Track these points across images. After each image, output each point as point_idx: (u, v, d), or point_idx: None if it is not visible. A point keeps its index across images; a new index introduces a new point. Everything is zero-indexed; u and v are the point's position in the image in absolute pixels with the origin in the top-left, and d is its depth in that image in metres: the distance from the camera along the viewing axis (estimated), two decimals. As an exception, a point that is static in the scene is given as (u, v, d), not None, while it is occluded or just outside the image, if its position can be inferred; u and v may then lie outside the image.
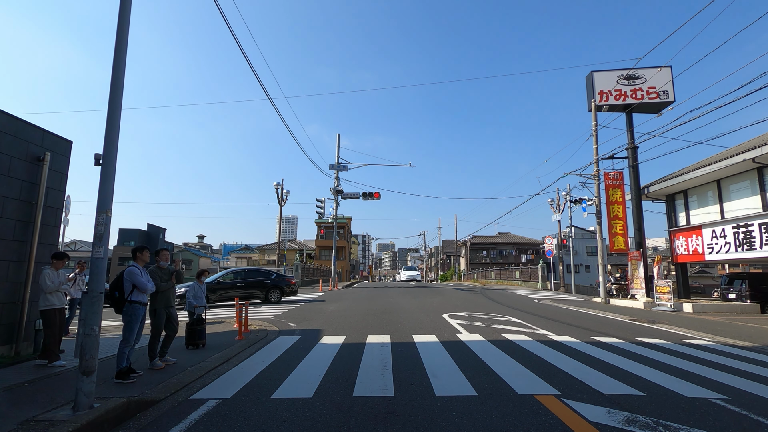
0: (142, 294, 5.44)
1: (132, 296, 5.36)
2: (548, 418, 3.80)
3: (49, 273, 6.13)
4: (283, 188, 31.24)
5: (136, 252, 5.66)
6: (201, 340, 7.37)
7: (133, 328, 5.31)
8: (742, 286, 16.69)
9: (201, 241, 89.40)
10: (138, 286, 5.37)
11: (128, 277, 5.41)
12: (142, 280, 5.42)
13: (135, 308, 5.36)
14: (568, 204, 28.45)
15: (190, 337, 7.32)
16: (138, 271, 5.45)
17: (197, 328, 7.37)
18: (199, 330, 7.37)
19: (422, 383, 4.95)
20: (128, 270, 5.46)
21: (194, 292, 7.84)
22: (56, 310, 6.17)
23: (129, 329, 5.28)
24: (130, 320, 5.31)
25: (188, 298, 7.76)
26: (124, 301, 5.36)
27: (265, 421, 3.77)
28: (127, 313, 5.34)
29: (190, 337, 7.31)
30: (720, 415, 3.95)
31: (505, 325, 10.15)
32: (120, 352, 5.16)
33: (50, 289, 6.04)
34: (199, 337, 7.36)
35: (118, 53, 4.51)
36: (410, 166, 29.21)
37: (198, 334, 7.35)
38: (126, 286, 5.39)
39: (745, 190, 15.10)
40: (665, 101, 19.00)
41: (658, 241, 66.29)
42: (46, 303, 6.09)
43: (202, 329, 7.42)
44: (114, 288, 5.47)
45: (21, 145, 6.41)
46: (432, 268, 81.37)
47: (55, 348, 6.09)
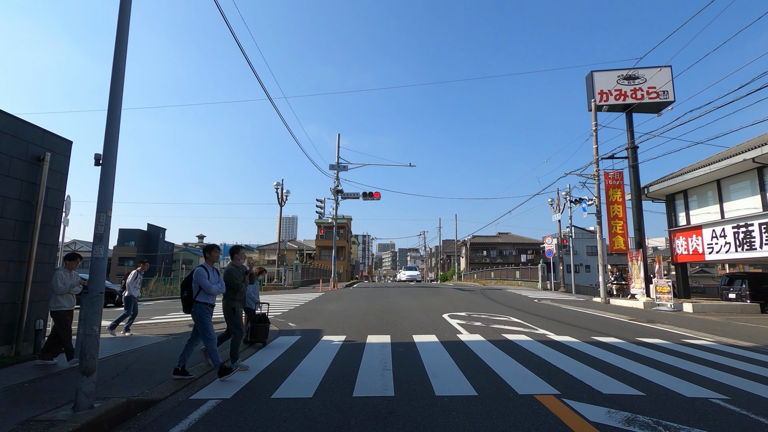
0: (208, 296, 5.33)
1: (198, 297, 5.28)
2: (548, 418, 3.80)
3: (62, 274, 6.11)
4: (283, 188, 31.25)
5: (206, 252, 5.58)
6: (265, 338, 7.41)
7: (207, 325, 5.23)
8: (742, 286, 16.68)
9: (201, 241, 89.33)
10: (203, 287, 5.27)
11: (195, 279, 5.34)
12: (207, 282, 5.30)
13: (202, 308, 5.29)
14: (568, 204, 28.46)
15: (254, 335, 7.34)
16: (205, 273, 5.36)
17: (263, 326, 7.39)
18: (264, 328, 7.39)
19: (422, 383, 4.95)
20: (196, 271, 5.39)
21: (253, 288, 7.81)
22: (67, 312, 6.15)
23: (204, 328, 5.23)
24: (201, 319, 5.25)
25: (249, 293, 7.71)
26: (192, 301, 5.30)
27: (265, 421, 3.76)
28: (196, 313, 5.28)
29: (255, 335, 7.33)
30: (720, 415, 3.95)
31: (505, 325, 10.15)
32: (210, 351, 5.17)
33: (62, 291, 6.02)
34: (264, 334, 7.39)
35: (118, 53, 4.51)
36: (410, 166, 29.23)
37: (264, 332, 7.38)
38: (194, 287, 5.34)
39: (745, 190, 15.09)
40: (665, 101, 19.00)
41: (658, 241, 66.27)
42: (57, 305, 6.07)
43: (266, 327, 7.44)
44: (183, 288, 5.44)
45: (21, 145, 6.40)
46: (432, 268, 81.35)
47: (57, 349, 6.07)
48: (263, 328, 7.38)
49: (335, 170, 28.04)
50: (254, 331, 7.35)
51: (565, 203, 29.07)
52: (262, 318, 7.48)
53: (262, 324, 7.40)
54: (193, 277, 5.38)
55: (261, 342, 7.38)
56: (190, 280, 5.40)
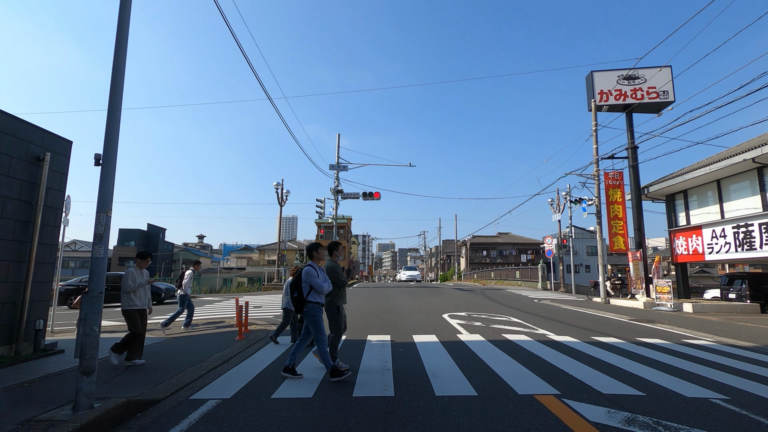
0: (319, 295, 5.30)
1: (310, 296, 5.24)
2: (548, 418, 3.80)
3: (133, 272, 6.12)
4: (283, 188, 31.25)
5: (312, 251, 5.51)
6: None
7: (321, 325, 5.21)
8: (742, 286, 16.68)
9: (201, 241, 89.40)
10: (314, 287, 5.22)
11: (305, 278, 5.28)
12: (318, 281, 5.25)
13: (315, 308, 5.25)
14: (568, 204, 28.44)
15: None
16: (314, 272, 5.31)
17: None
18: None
19: (422, 383, 4.95)
20: (305, 270, 5.33)
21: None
22: (138, 310, 6.15)
23: (317, 328, 5.19)
24: (315, 319, 5.21)
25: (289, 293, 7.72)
26: (304, 301, 5.26)
27: (265, 421, 3.76)
28: (308, 314, 5.24)
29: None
30: (720, 415, 3.95)
31: (505, 325, 10.15)
32: (322, 352, 5.16)
33: (131, 288, 6.04)
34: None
35: (118, 53, 4.51)
36: (410, 166, 29.21)
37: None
38: (304, 287, 5.29)
39: (745, 190, 15.10)
40: (665, 101, 19.00)
41: (658, 241, 66.28)
42: (129, 303, 6.07)
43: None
44: (293, 288, 5.39)
45: (21, 145, 6.40)
46: (432, 268, 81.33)
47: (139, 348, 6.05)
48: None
49: (335, 170, 28.02)
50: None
51: (565, 203, 29.06)
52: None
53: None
54: (303, 277, 5.30)
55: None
56: (299, 280, 5.34)
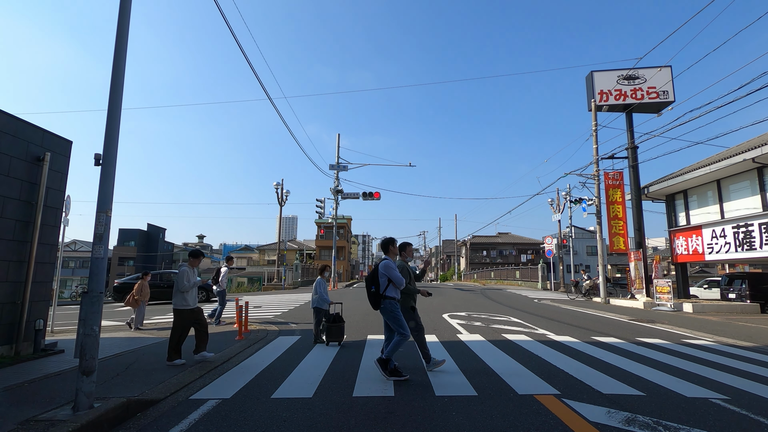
0: (396, 290, 5.08)
1: (387, 291, 5.02)
2: (548, 418, 3.79)
3: (188, 272, 6.10)
4: (283, 188, 31.26)
5: (387, 245, 5.35)
6: (341, 337, 7.41)
7: (402, 320, 5.02)
8: (742, 286, 16.68)
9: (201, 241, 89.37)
10: (394, 280, 4.99)
11: (385, 271, 5.02)
12: (398, 275, 5.02)
13: (393, 304, 5.04)
14: (568, 204, 28.47)
15: (331, 334, 7.35)
16: (393, 265, 5.09)
17: (339, 325, 7.40)
18: (340, 327, 7.40)
19: (422, 383, 4.95)
20: (384, 263, 5.10)
21: (324, 287, 7.76)
22: (190, 310, 6.14)
23: (399, 323, 5.00)
24: (395, 315, 5.01)
25: (321, 294, 7.66)
26: (380, 296, 5.03)
27: (265, 421, 3.76)
28: (386, 310, 5.03)
29: (332, 334, 7.34)
30: (720, 415, 3.95)
31: (505, 325, 10.15)
32: (394, 346, 4.99)
33: (186, 288, 6.02)
34: (341, 334, 7.40)
35: (118, 53, 4.51)
36: (410, 166, 29.24)
37: (340, 331, 7.38)
38: (382, 281, 5.04)
39: (745, 190, 15.09)
40: (665, 101, 19.00)
41: (658, 241, 66.27)
42: (183, 303, 6.05)
43: (342, 326, 7.45)
44: (370, 282, 5.14)
45: (21, 145, 6.40)
46: (432, 268, 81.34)
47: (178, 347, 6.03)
48: (339, 328, 7.39)
49: (335, 170, 28.04)
50: (330, 331, 7.36)
51: (565, 203, 29.09)
52: (336, 317, 7.49)
53: (337, 323, 7.41)
54: (380, 270, 5.05)
55: (337, 341, 7.38)
56: (376, 274, 5.09)
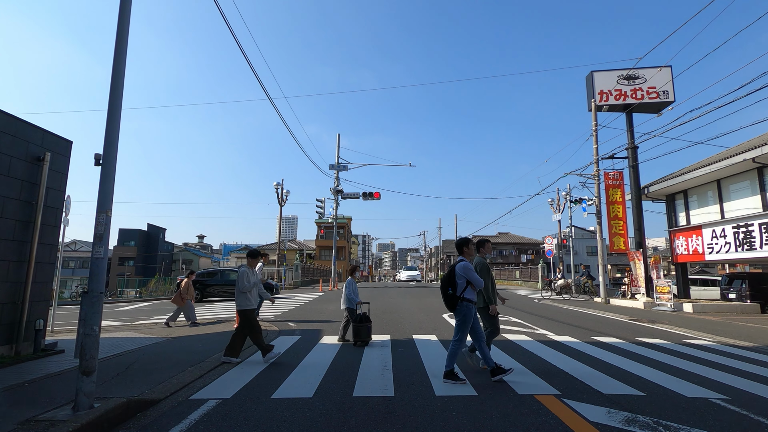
0: (474, 292, 4.98)
1: (465, 293, 4.92)
2: (548, 418, 3.80)
3: (248, 272, 6.15)
4: (283, 188, 31.24)
5: (462, 246, 5.21)
6: (369, 338, 7.42)
7: (467, 326, 4.94)
8: (742, 286, 16.68)
9: (201, 241, 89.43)
10: (473, 282, 4.90)
11: (463, 273, 4.92)
12: (477, 276, 4.92)
13: (469, 307, 4.94)
14: (568, 204, 28.43)
15: (358, 335, 7.35)
16: (471, 266, 5.00)
17: (366, 325, 7.41)
18: (367, 327, 7.42)
19: (422, 383, 4.95)
20: (462, 264, 4.98)
21: (353, 288, 7.79)
22: (253, 310, 6.19)
23: (463, 328, 4.92)
24: (465, 320, 4.92)
25: (349, 294, 7.67)
26: (457, 298, 4.94)
27: (265, 421, 3.76)
28: (461, 312, 4.94)
29: (360, 335, 7.34)
30: (720, 415, 3.95)
31: (505, 324, 10.15)
32: (452, 353, 4.92)
33: (247, 288, 6.07)
34: (368, 334, 7.41)
35: (118, 53, 4.51)
36: (410, 166, 29.24)
37: (367, 331, 7.40)
38: (459, 282, 4.93)
39: (745, 190, 15.09)
40: (665, 101, 19.00)
41: (658, 241, 66.26)
42: (247, 303, 6.11)
43: (369, 326, 7.46)
44: (447, 284, 5.03)
45: (21, 145, 6.40)
46: (432, 268, 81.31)
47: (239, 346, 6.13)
48: (366, 328, 7.40)
49: (335, 170, 28.03)
50: (358, 331, 7.37)
51: (565, 203, 29.05)
52: (364, 318, 7.51)
53: (364, 323, 7.42)
54: (457, 272, 4.95)
55: (365, 342, 7.37)
56: (453, 275, 4.98)
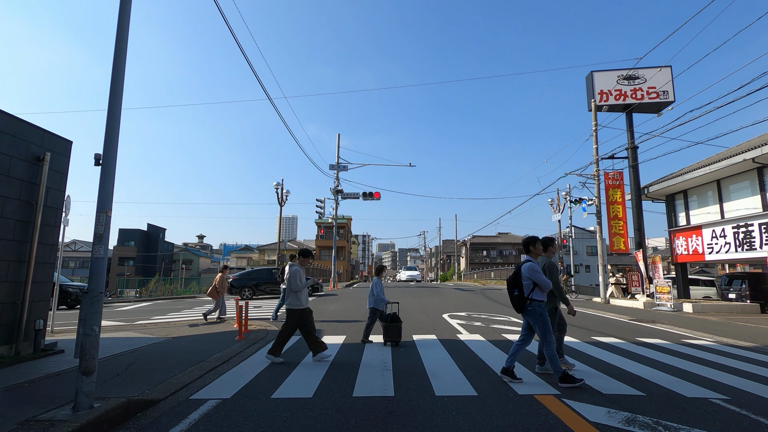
0: (542, 292, 4.89)
1: (534, 294, 4.85)
2: (548, 418, 3.79)
3: (300, 272, 6.15)
4: (283, 188, 31.23)
5: (529, 245, 5.11)
6: (399, 338, 7.40)
7: (547, 325, 4.83)
8: (742, 286, 16.68)
9: (201, 241, 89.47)
10: (540, 284, 4.83)
11: (529, 274, 4.85)
12: (544, 278, 4.85)
13: (540, 307, 4.85)
14: (568, 204, 28.45)
15: (388, 334, 7.34)
16: (538, 267, 4.92)
17: (396, 325, 7.40)
18: (397, 327, 7.40)
19: (422, 383, 4.95)
20: (528, 266, 4.91)
21: (380, 288, 7.78)
22: (304, 309, 6.18)
23: (545, 329, 4.81)
24: (542, 320, 4.82)
25: (378, 294, 7.66)
26: (525, 299, 4.88)
27: (265, 421, 3.76)
28: (534, 313, 4.84)
29: (390, 334, 7.34)
30: (720, 415, 3.95)
31: (505, 325, 10.15)
32: (550, 357, 4.76)
33: (299, 287, 6.07)
34: (398, 334, 7.39)
35: (118, 53, 4.50)
36: (410, 166, 29.23)
37: (398, 331, 7.38)
38: (526, 284, 4.87)
39: (745, 190, 15.09)
40: (665, 101, 19.01)
41: (658, 241, 66.30)
42: (297, 303, 6.11)
43: (399, 326, 7.44)
44: (513, 285, 4.97)
45: (21, 145, 6.40)
46: (432, 268, 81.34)
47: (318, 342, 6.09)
48: (396, 328, 7.38)
49: (335, 170, 28.02)
50: (388, 331, 7.37)
51: (565, 203, 29.08)
52: (394, 317, 7.49)
53: (395, 323, 7.40)
54: (522, 273, 4.88)
55: (395, 341, 7.35)
56: (519, 276, 4.92)
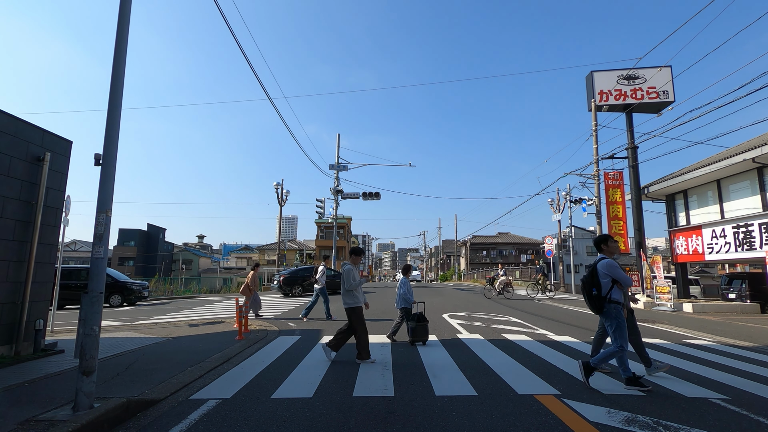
0: (620, 292, 4.67)
1: (612, 294, 4.62)
2: (548, 418, 3.80)
3: (353, 270, 6.14)
4: (283, 188, 31.24)
5: (600, 243, 4.84)
6: (425, 337, 7.44)
7: (623, 328, 4.60)
8: (742, 286, 16.68)
9: (201, 241, 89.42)
10: (621, 281, 4.61)
11: (608, 271, 4.61)
12: (623, 274, 4.60)
13: (618, 308, 4.63)
14: (568, 204, 28.44)
15: (415, 334, 7.38)
16: (616, 264, 4.66)
17: (423, 325, 7.43)
18: (424, 327, 7.44)
19: (422, 383, 4.95)
20: (606, 262, 4.67)
21: (408, 287, 7.80)
22: (360, 307, 6.19)
23: (620, 333, 4.58)
24: (618, 322, 4.60)
25: (405, 294, 7.68)
26: (603, 299, 4.62)
27: (265, 421, 3.76)
28: (611, 315, 4.62)
29: (416, 334, 7.38)
30: (720, 415, 3.95)
31: (505, 325, 10.15)
32: (619, 360, 4.62)
33: (353, 286, 6.09)
34: (424, 333, 7.43)
35: (118, 53, 4.50)
36: (410, 166, 29.22)
37: (424, 331, 7.42)
38: (604, 282, 4.63)
39: (745, 190, 15.09)
40: (665, 101, 19.01)
41: (658, 241, 66.26)
42: (355, 301, 6.13)
43: (426, 326, 7.48)
44: (590, 285, 4.72)
45: (21, 145, 6.40)
46: (432, 268, 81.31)
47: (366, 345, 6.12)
48: (423, 327, 7.42)
49: (335, 170, 28.00)
50: (415, 331, 7.41)
51: (565, 203, 29.06)
52: (421, 317, 7.53)
53: (421, 323, 7.44)
54: (600, 270, 4.66)
55: (422, 341, 7.39)
56: (596, 275, 4.68)
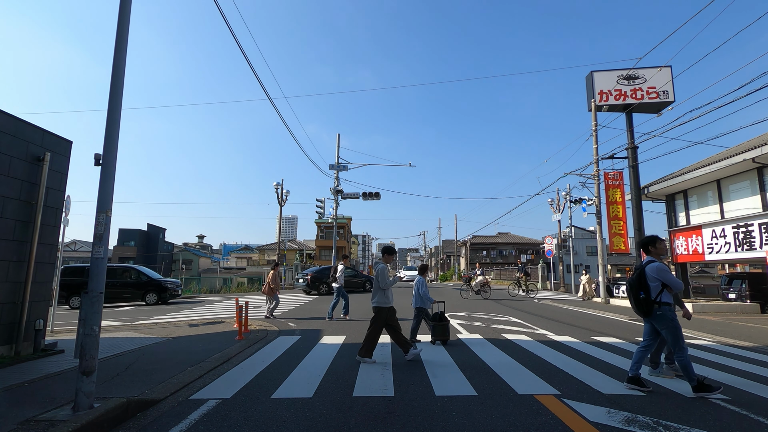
0: (670, 295, 4.59)
1: (663, 296, 4.55)
2: (548, 418, 3.80)
3: (386, 269, 6.18)
4: (283, 188, 31.22)
5: (648, 245, 4.79)
6: (446, 336, 7.47)
7: (680, 331, 4.50)
8: (742, 286, 16.68)
9: (201, 241, 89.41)
10: (671, 284, 4.53)
11: (657, 275, 4.55)
12: (674, 278, 4.53)
13: (670, 311, 4.53)
14: (568, 204, 28.42)
15: (435, 333, 7.43)
16: (666, 267, 4.58)
17: (443, 324, 7.48)
18: (445, 326, 7.48)
19: (422, 383, 4.96)
20: (656, 266, 4.59)
21: (425, 287, 7.82)
22: (388, 308, 6.21)
23: (675, 336, 4.49)
24: (672, 325, 4.50)
25: (423, 293, 7.70)
26: (653, 302, 4.56)
27: (265, 421, 3.77)
28: (664, 318, 4.53)
29: (437, 333, 7.42)
30: (720, 415, 3.95)
31: (505, 325, 10.15)
32: (684, 365, 4.47)
33: (387, 285, 6.12)
34: (445, 332, 7.46)
35: (118, 53, 4.50)
36: (410, 166, 29.21)
37: (445, 330, 7.46)
38: (653, 285, 4.58)
39: (745, 190, 15.09)
40: (665, 101, 18.99)
41: (658, 241, 66.16)
42: (385, 301, 6.16)
43: (447, 325, 7.52)
44: (637, 288, 4.67)
45: (21, 145, 6.40)
46: (432, 267, 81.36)
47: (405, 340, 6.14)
48: (444, 327, 7.47)
49: (335, 170, 27.98)
50: (436, 330, 7.44)
51: (565, 203, 29.04)
52: (441, 317, 7.57)
53: (442, 322, 7.48)
54: (648, 274, 4.59)
55: (443, 340, 7.43)
56: (643, 277, 4.62)
